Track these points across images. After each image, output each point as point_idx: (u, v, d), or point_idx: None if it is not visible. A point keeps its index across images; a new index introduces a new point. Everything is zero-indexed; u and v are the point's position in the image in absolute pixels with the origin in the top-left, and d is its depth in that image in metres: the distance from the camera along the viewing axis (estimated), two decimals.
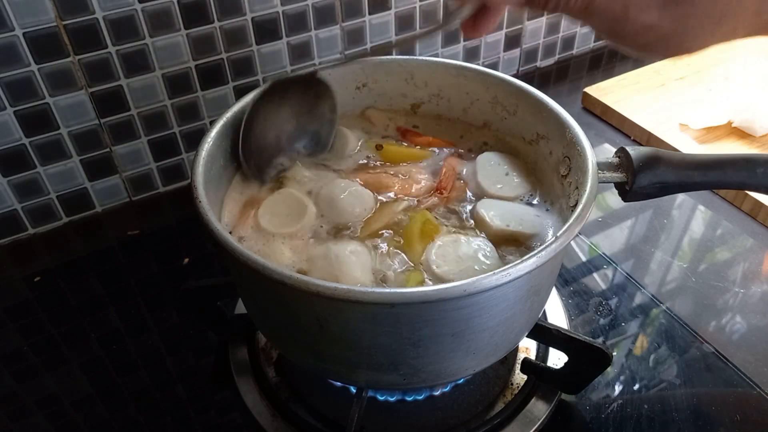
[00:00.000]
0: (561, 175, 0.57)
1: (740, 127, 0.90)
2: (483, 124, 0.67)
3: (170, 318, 0.71)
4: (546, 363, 0.63)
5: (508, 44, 1.04)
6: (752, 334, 0.67)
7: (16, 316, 0.72)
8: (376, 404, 0.60)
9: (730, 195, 0.83)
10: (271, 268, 0.42)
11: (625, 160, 0.52)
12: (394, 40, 0.92)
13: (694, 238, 0.80)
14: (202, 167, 0.51)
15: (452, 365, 0.50)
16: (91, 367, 0.66)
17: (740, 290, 0.72)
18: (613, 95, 1.00)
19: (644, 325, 0.69)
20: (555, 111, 0.57)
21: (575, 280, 0.74)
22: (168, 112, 0.81)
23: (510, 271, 0.42)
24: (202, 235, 0.58)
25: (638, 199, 0.53)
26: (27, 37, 0.68)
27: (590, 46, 1.16)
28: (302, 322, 0.47)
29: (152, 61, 0.76)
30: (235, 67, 0.82)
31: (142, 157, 0.83)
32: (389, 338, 0.45)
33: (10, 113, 0.71)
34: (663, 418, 0.60)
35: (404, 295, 0.41)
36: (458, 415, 0.60)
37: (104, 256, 0.79)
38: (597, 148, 0.93)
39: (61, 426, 0.61)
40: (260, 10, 0.79)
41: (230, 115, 0.57)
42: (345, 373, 0.53)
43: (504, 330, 0.49)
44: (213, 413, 0.62)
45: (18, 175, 0.76)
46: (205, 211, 0.47)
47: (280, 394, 0.61)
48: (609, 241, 0.79)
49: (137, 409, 0.63)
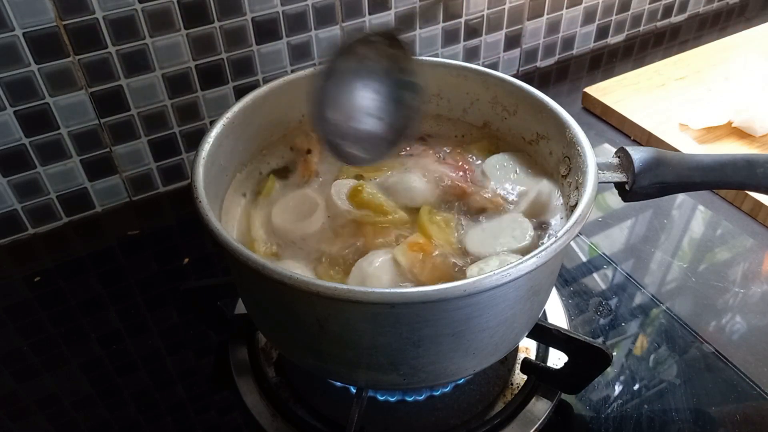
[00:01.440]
0: (561, 175, 0.57)
1: (740, 127, 0.90)
2: (483, 124, 0.67)
3: (170, 318, 0.71)
4: (546, 363, 0.63)
5: (508, 44, 1.05)
6: (752, 334, 0.67)
7: (16, 316, 0.72)
8: (376, 404, 0.60)
9: (730, 195, 0.83)
10: (271, 268, 0.42)
11: (625, 161, 0.52)
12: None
13: (694, 238, 0.80)
14: (202, 167, 0.51)
15: (452, 365, 0.50)
16: (91, 367, 0.66)
17: (740, 290, 0.72)
18: (613, 95, 1.00)
19: (644, 325, 0.69)
20: (555, 111, 0.57)
21: (575, 280, 0.74)
22: (168, 112, 0.81)
23: (510, 271, 0.42)
24: (202, 235, 0.58)
25: (638, 199, 0.53)
26: (27, 37, 0.68)
27: (590, 46, 1.16)
28: (302, 322, 0.47)
29: (152, 61, 0.76)
30: (235, 67, 0.82)
31: (142, 157, 0.83)
32: (389, 338, 0.45)
33: (10, 113, 0.71)
34: (663, 418, 0.60)
35: (404, 295, 0.41)
36: (458, 415, 0.60)
37: (104, 256, 0.79)
38: (597, 148, 0.93)
39: (61, 426, 0.61)
40: (260, 10, 0.79)
41: (230, 115, 0.57)
42: (345, 373, 0.53)
43: (504, 330, 0.49)
44: (213, 413, 0.62)
45: (18, 175, 0.76)
46: (205, 211, 0.47)
47: (280, 394, 0.61)
48: (609, 241, 0.79)
49: (137, 409, 0.63)
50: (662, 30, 1.23)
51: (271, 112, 0.61)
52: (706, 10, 1.28)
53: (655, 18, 1.21)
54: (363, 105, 0.54)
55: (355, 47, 0.53)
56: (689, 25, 1.25)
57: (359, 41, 0.53)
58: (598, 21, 1.13)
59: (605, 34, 1.16)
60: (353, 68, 0.53)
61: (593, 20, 1.12)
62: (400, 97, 0.54)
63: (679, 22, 1.25)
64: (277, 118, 0.63)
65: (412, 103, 0.54)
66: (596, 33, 1.14)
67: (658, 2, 1.18)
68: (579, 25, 1.11)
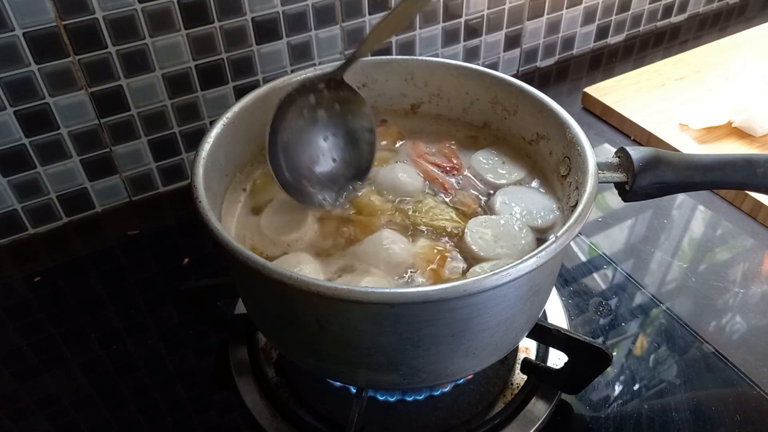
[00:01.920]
0: (561, 175, 0.57)
1: (740, 127, 0.90)
2: (483, 124, 0.67)
3: (170, 318, 0.71)
4: (546, 363, 0.63)
5: (508, 44, 1.05)
6: (752, 334, 0.67)
7: (16, 316, 0.72)
8: (376, 404, 0.60)
9: (730, 195, 0.83)
10: (271, 268, 0.42)
11: (625, 160, 0.52)
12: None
13: (694, 238, 0.80)
14: (202, 167, 0.51)
15: (452, 365, 0.50)
16: (91, 367, 0.66)
17: (740, 290, 0.72)
18: (613, 95, 1.00)
19: (644, 325, 0.69)
20: (555, 111, 0.57)
21: (575, 280, 0.74)
22: (168, 112, 0.81)
23: (510, 271, 0.42)
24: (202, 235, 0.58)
25: (638, 199, 0.53)
26: (27, 37, 0.68)
27: (590, 46, 1.16)
28: (302, 322, 0.47)
29: (152, 61, 0.76)
30: (235, 67, 0.82)
31: (142, 157, 0.83)
32: (389, 338, 0.45)
33: (10, 113, 0.71)
34: (663, 418, 0.60)
35: (404, 295, 0.41)
36: (458, 415, 0.60)
37: (104, 256, 0.79)
38: (597, 148, 0.93)
39: (61, 426, 0.61)
40: (260, 10, 0.79)
41: (230, 115, 0.57)
42: (345, 373, 0.53)
43: (504, 330, 0.49)
44: (213, 413, 0.62)
45: (18, 175, 0.76)
46: (205, 211, 0.47)
47: (280, 394, 0.61)
48: (609, 241, 0.79)
49: (137, 409, 0.63)
50: (662, 30, 1.23)
51: (271, 112, 0.61)
52: (706, 10, 1.28)
53: (655, 18, 1.21)
54: (320, 149, 0.58)
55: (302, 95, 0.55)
56: (689, 25, 1.25)
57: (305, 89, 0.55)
58: (598, 21, 1.13)
59: (605, 34, 1.16)
60: (305, 115, 0.56)
61: (593, 20, 1.12)
62: (355, 137, 0.59)
63: (679, 22, 1.25)
64: None
65: (367, 142, 0.59)
66: (596, 33, 1.14)
67: (658, 2, 1.18)
68: (579, 25, 1.11)
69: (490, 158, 0.64)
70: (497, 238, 0.55)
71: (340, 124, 0.58)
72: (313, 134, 0.58)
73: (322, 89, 0.56)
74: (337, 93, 0.57)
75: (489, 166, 0.63)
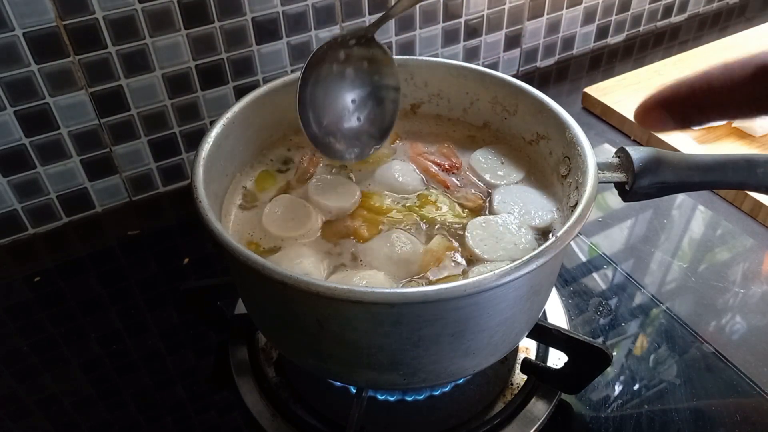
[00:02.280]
0: (561, 175, 0.57)
1: (740, 127, 0.90)
2: (483, 124, 0.67)
3: (170, 318, 0.71)
4: (546, 363, 0.63)
5: (508, 44, 1.05)
6: (752, 334, 0.67)
7: (16, 316, 0.72)
8: (376, 404, 0.60)
9: (730, 195, 0.83)
10: (271, 268, 0.42)
11: (625, 161, 0.52)
12: None
13: (694, 238, 0.80)
14: (202, 167, 0.51)
15: (452, 365, 0.50)
16: (91, 367, 0.66)
17: (740, 290, 0.72)
18: (613, 95, 1.00)
19: (644, 325, 0.69)
20: (555, 111, 0.57)
21: (575, 280, 0.74)
22: (168, 112, 0.81)
23: (510, 271, 0.42)
24: (202, 235, 0.58)
25: (638, 199, 0.53)
26: (27, 37, 0.68)
27: (590, 46, 1.16)
28: (302, 322, 0.47)
29: (152, 61, 0.76)
30: (235, 67, 0.82)
31: (142, 157, 0.83)
32: (389, 338, 0.45)
33: (10, 113, 0.71)
34: (663, 418, 0.60)
35: (404, 295, 0.41)
36: (458, 415, 0.60)
37: (104, 256, 0.79)
38: (597, 148, 0.93)
39: (61, 426, 0.61)
40: (260, 10, 0.79)
41: (230, 115, 0.57)
42: (345, 373, 0.53)
43: (504, 330, 0.49)
44: (213, 413, 0.62)
45: (18, 175, 0.76)
46: (205, 211, 0.47)
47: (280, 394, 0.61)
48: (609, 241, 0.79)
49: (137, 409, 0.63)
50: (662, 30, 1.23)
51: (271, 112, 0.61)
52: (706, 10, 1.28)
53: (655, 18, 1.21)
54: (347, 105, 0.58)
55: (333, 51, 0.56)
56: (689, 25, 1.25)
57: (337, 44, 0.56)
58: (598, 21, 1.13)
59: (605, 34, 1.16)
60: (335, 71, 0.56)
61: (593, 20, 1.12)
62: (380, 95, 0.59)
63: (679, 22, 1.25)
64: (277, 118, 0.63)
65: (392, 101, 0.60)
66: (596, 33, 1.14)
67: (658, 2, 1.18)
68: (579, 25, 1.11)
69: (489, 158, 0.63)
70: (497, 239, 0.55)
71: (367, 82, 0.59)
72: (340, 90, 0.58)
73: (353, 45, 0.57)
74: (368, 50, 0.57)
75: (487, 166, 0.63)
